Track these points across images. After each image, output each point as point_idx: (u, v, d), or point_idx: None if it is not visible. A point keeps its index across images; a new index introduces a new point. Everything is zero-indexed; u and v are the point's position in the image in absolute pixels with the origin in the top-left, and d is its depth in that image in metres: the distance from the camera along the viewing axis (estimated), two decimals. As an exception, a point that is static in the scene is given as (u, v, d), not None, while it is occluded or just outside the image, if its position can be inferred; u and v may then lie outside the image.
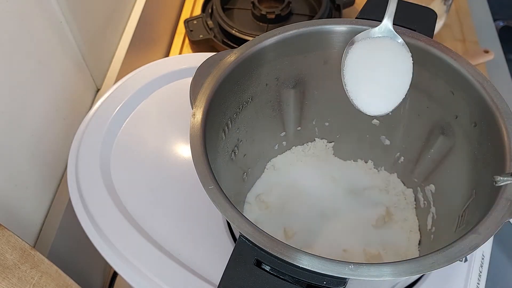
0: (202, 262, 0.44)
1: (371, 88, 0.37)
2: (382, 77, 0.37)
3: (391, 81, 0.37)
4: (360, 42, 0.37)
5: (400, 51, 0.37)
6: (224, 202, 0.33)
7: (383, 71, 0.37)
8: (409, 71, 0.37)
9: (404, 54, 0.37)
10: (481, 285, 0.44)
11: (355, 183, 0.53)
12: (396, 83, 0.37)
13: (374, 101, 0.37)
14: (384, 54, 0.37)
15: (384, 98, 0.37)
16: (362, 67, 0.37)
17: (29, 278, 0.39)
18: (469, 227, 0.32)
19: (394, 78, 0.37)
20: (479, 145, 0.39)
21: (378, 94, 0.37)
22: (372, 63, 0.37)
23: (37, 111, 0.49)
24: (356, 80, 0.37)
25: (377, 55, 0.37)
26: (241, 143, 0.48)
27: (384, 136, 0.51)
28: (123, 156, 0.51)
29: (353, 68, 0.37)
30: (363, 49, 0.37)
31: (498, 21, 1.18)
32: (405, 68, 0.37)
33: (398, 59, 0.37)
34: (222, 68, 0.41)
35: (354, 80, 0.37)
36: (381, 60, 0.37)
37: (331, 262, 0.29)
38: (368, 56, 0.37)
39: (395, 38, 0.38)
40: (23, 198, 0.47)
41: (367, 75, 0.37)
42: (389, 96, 0.37)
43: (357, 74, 0.37)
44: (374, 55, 0.37)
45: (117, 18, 0.65)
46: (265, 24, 0.77)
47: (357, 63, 0.37)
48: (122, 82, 0.56)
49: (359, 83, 0.37)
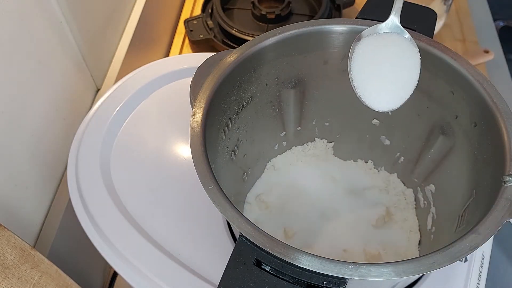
0: (202, 262, 0.44)
1: (379, 83, 0.37)
2: (389, 73, 0.37)
3: (399, 76, 0.37)
4: (368, 38, 0.37)
5: (408, 47, 0.37)
6: (224, 202, 0.33)
7: (390, 67, 0.37)
8: (417, 66, 0.37)
9: (412, 50, 0.37)
10: (481, 285, 0.44)
11: (355, 183, 0.53)
12: (404, 78, 0.37)
13: (382, 97, 0.37)
14: (392, 49, 0.37)
15: (392, 94, 0.37)
16: (370, 63, 0.37)
17: (29, 278, 0.39)
18: (469, 227, 0.32)
19: (402, 73, 0.37)
20: (479, 145, 0.39)
21: (386, 90, 0.37)
22: (379, 59, 0.37)
23: (37, 111, 0.49)
24: (363, 76, 0.37)
25: (385, 50, 0.37)
26: (241, 143, 0.48)
27: (384, 136, 0.51)
28: (123, 156, 0.51)
29: (360, 63, 0.36)
30: (371, 45, 0.37)
31: (498, 21, 1.18)
32: (413, 63, 0.37)
33: (406, 55, 0.37)
34: (222, 68, 0.41)
35: (361, 76, 0.37)
36: (388, 56, 0.37)
37: (331, 262, 0.29)
38: (376, 51, 0.37)
39: (402, 33, 0.38)
40: (23, 198, 0.47)
41: (374, 70, 0.36)
42: (397, 91, 0.37)
43: (364, 69, 0.36)
44: (382, 51, 0.37)
45: (117, 18, 0.65)
46: (265, 24, 0.77)
47: (364, 59, 0.36)
48: (122, 82, 0.56)
49: (366, 79, 0.37)
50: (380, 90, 0.37)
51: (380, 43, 0.37)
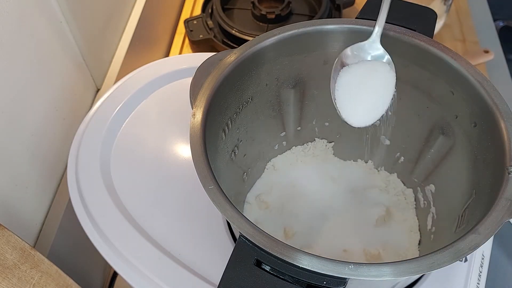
0: (202, 262, 0.44)
1: (358, 105, 0.41)
2: (368, 96, 0.41)
3: (374, 99, 0.41)
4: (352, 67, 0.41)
5: (386, 73, 0.41)
6: (224, 202, 0.33)
7: (369, 92, 0.41)
8: (391, 90, 0.41)
9: (389, 75, 0.40)
10: (481, 285, 0.44)
11: (355, 183, 0.53)
12: (380, 100, 0.41)
13: (359, 116, 0.41)
14: (372, 76, 0.41)
15: (368, 113, 0.41)
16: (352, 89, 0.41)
17: (29, 278, 0.39)
18: (469, 227, 0.32)
19: (377, 97, 0.41)
20: (479, 145, 0.39)
21: (362, 110, 0.41)
22: (360, 86, 0.41)
23: (37, 111, 0.49)
24: (345, 98, 0.41)
25: (366, 79, 0.41)
26: (241, 143, 0.48)
27: (384, 136, 0.51)
28: (123, 156, 0.51)
29: (343, 89, 0.41)
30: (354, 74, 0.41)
31: (498, 21, 1.18)
32: (388, 88, 0.41)
33: (383, 81, 0.41)
34: (222, 68, 0.41)
35: (343, 98, 0.41)
36: (368, 83, 0.41)
37: (331, 262, 0.29)
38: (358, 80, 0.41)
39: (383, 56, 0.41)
40: (23, 198, 0.47)
41: (355, 95, 0.41)
42: (372, 111, 0.41)
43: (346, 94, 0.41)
44: (363, 79, 0.41)
45: (117, 18, 0.65)
46: (265, 24, 0.77)
47: (347, 86, 0.41)
48: (122, 82, 0.56)
49: (347, 100, 0.41)
50: (358, 110, 0.41)
51: (362, 72, 0.41)
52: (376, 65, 0.41)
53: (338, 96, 0.41)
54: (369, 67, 0.41)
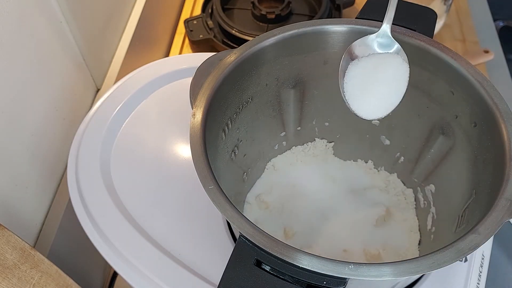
0: (202, 262, 0.44)
1: (369, 97, 0.40)
2: (379, 88, 0.39)
3: (387, 90, 0.40)
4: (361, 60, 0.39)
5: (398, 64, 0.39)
6: (224, 202, 0.33)
7: (381, 84, 0.39)
8: (405, 80, 0.39)
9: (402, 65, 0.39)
10: (481, 285, 0.44)
11: (355, 183, 0.53)
12: (391, 92, 0.40)
13: (370, 108, 0.40)
14: (383, 69, 0.39)
15: (380, 105, 0.40)
16: (362, 82, 0.39)
17: (29, 278, 0.39)
18: (469, 227, 0.32)
19: (390, 88, 0.40)
20: (479, 145, 0.39)
21: (374, 102, 0.40)
22: (371, 79, 0.39)
23: (37, 111, 0.49)
24: (355, 91, 0.39)
25: (377, 71, 0.39)
26: (241, 143, 0.48)
27: (384, 136, 0.51)
28: (123, 156, 0.51)
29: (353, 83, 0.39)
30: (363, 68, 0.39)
31: (498, 21, 1.18)
32: (402, 78, 0.39)
33: (395, 72, 0.39)
34: (222, 68, 0.41)
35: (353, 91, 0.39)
36: (379, 75, 0.39)
37: (331, 262, 0.29)
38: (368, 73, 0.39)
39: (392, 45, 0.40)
40: (23, 198, 0.47)
41: (366, 88, 0.39)
42: (385, 103, 0.40)
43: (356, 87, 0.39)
44: (374, 72, 0.39)
45: (117, 18, 0.65)
46: (265, 24, 0.77)
47: (357, 79, 0.39)
48: (122, 82, 0.56)
49: (357, 93, 0.40)
50: (369, 103, 0.40)
51: (373, 65, 0.39)
52: (388, 58, 0.40)
53: (347, 89, 0.40)
54: (380, 60, 0.40)
